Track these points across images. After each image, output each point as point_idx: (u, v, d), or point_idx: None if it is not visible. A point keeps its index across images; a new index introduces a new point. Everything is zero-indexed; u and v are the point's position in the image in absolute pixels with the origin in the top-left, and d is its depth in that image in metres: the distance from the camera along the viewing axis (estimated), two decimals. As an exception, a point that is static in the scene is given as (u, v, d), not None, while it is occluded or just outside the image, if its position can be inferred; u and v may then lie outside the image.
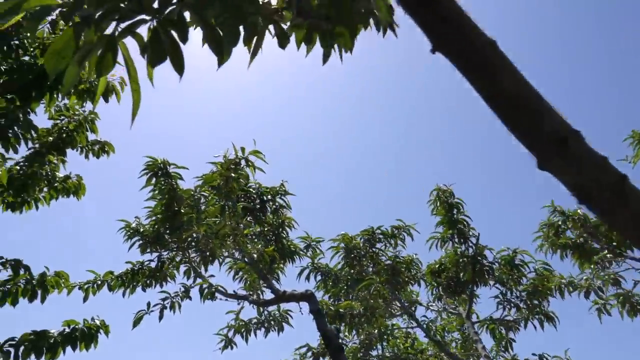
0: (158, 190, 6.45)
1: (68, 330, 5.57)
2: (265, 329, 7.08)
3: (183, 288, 6.84)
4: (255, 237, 5.77)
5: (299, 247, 7.36)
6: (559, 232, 7.91)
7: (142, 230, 6.89)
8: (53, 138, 5.58)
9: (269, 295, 6.43)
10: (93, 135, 6.64)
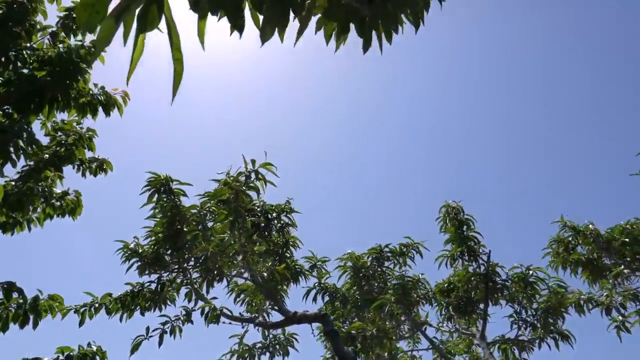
0: (159, 208, 6.20)
1: (62, 358, 5.24)
2: (270, 354, 6.75)
3: (184, 311, 6.53)
4: (261, 256, 5.50)
5: (304, 267, 7.10)
6: (569, 247, 7.73)
7: (140, 251, 6.61)
8: (50, 153, 5.33)
9: (277, 317, 6.13)
10: (90, 153, 6.44)
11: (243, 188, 4.91)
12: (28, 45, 5.47)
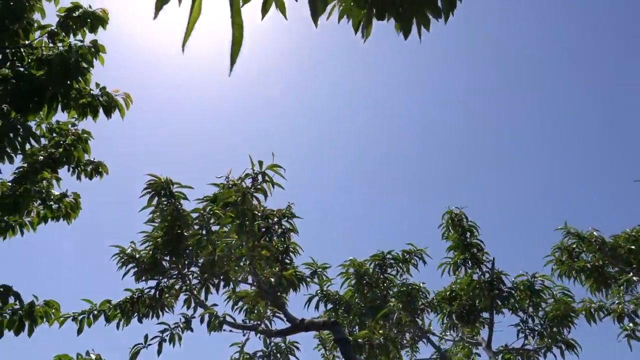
0: (159, 212, 6.03)
1: (60, 367, 5.04)
2: (272, 363, 6.57)
3: (184, 318, 6.34)
4: (267, 261, 5.34)
5: (304, 274, 6.95)
6: (573, 255, 7.65)
7: (137, 257, 6.42)
8: (47, 154, 5.15)
9: (280, 325, 5.96)
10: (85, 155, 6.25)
11: (251, 190, 4.76)
12: (26, 43, 5.31)
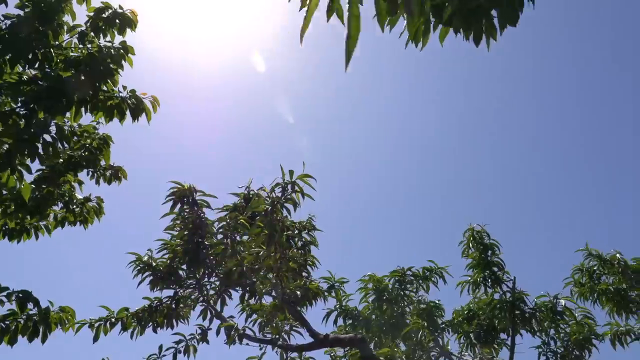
0: (181, 220, 5.92)
1: (76, 376, 4.88)
2: (287, 378, 6.40)
3: (200, 330, 6.20)
4: (294, 274, 5.22)
5: (322, 288, 6.81)
6: (594, 277, 7.52)
7: (154, 265, 6.30)
8: (70, 156, 5.05)
9: (298, 340, 5.81)
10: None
11: (282, 201, 4.66)
12: (56, 44, 5.25)
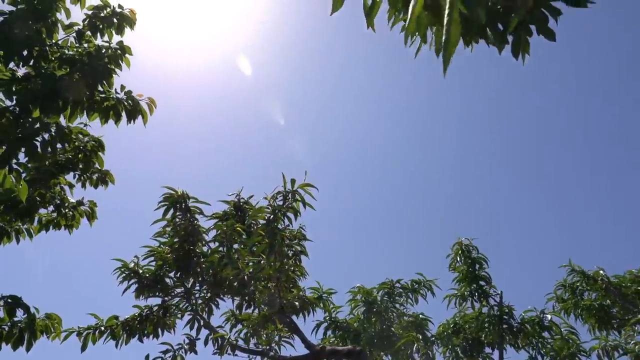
0: (172, 227, 5.79)
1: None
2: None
3: (188, 339, 6.05)
4: (294, 283, 5.15)
5: (311, 299, 6.75)
6: (577, 293, 7.66)
7: (140, 272, 6.14)
8: (66, 158, 4.90)
9: (290, 351, 5.73)
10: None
11: (283, 209, 4.60)
12: (51, 43, 5.11)
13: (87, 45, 5.20)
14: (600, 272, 7.40)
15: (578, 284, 7.63)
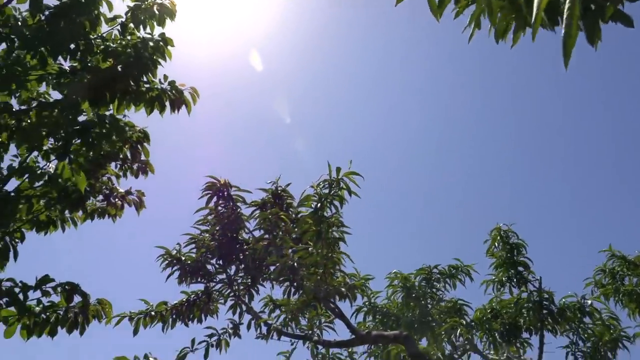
0: (215, 214, 5.90)
1: (117, 368, 4.87)
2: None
3: (231, 324, 6.20)
4: (340, 269, 5.23)
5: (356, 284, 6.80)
6: (617, 278, 7.56)
7: (183, 259, 6.28)
8: (113, 149, 5.01)
9: (332, 336, 5.82)
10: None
11: (329, 198, 4.65)
12: (95, 36, 5.21)
13: (130, 38, 5.28)
14: (641, 256, 7.28)
15: (618, 269, 7.53)
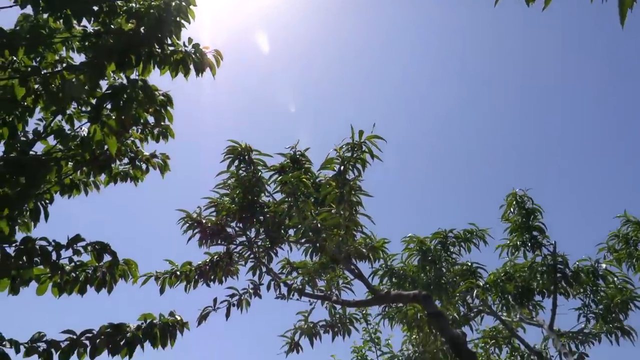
0: (236, 178, 5.99)
1: (145, 325, 5.05)
2: (334, 333, 6.62)
3: (252, 285, 6.37)
4: (362, 232, 5.34)
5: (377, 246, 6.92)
6: (631, 243, 7.63)
7: (203, 222, 6.41)
8: (138, 112, 5.07)
9: (351, 296, 5.98)
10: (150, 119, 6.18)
11: (352, 161, 4.71)
12: (118, -4, 5.18)
13: (152, -1, 5.25)
14: (657, 222, 7.33)
15: (632, 235, 7.59)
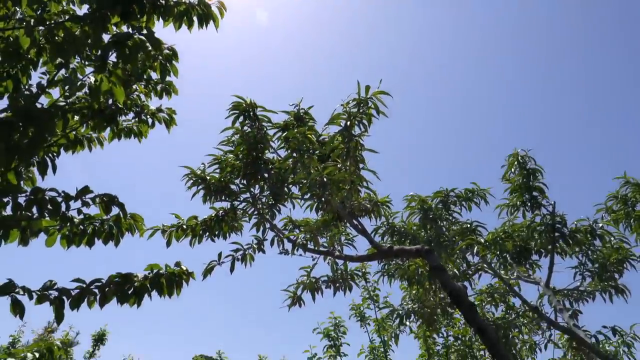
0: (240, 134, 6.00)
1: (152, 275, 5.17)
2: (335, 288, 6.77)
3: (256, 240, 6.47)
4: (367, 187, 5.41)
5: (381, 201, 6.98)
6: (629, 204, 7.73)
7: (207, 179, 6.46)
8: (142, 66, 5.04)
9: (351, 252, 6.10)
10: (154, 74, 6.13)
11: (358, 116, 4.71)
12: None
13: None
14: (656, 184, 7.40)
15: (631, 196, 7.67)
